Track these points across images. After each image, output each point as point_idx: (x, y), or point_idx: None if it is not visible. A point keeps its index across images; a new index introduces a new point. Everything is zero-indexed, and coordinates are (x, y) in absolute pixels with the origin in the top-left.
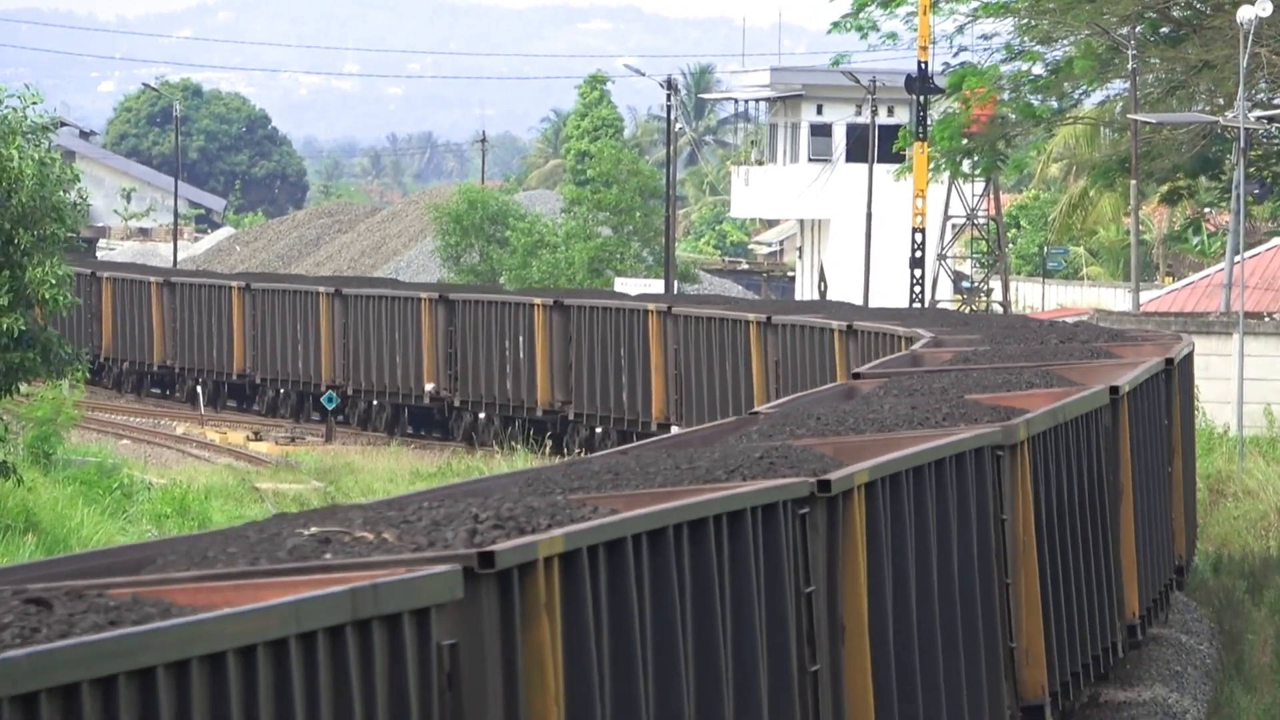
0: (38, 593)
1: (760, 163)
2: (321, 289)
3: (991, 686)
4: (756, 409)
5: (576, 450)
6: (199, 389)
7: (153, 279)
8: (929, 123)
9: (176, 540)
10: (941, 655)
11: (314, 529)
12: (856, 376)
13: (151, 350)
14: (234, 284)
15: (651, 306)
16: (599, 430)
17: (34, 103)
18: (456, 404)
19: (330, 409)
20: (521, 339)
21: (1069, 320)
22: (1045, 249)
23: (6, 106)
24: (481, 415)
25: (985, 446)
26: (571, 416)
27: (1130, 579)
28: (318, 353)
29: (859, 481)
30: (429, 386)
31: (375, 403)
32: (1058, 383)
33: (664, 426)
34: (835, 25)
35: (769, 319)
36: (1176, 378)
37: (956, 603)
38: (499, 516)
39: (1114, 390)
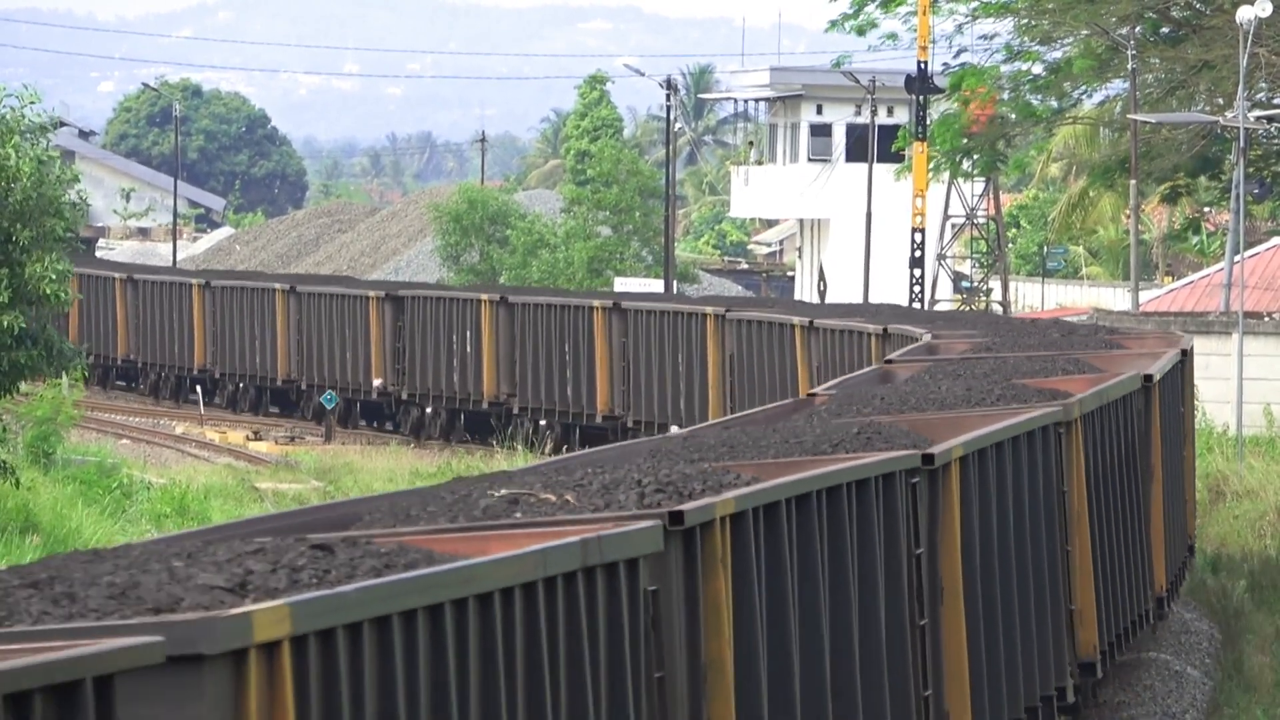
0: (321, 540)
1: (759, 162)
2: (277, 286)
3: (1056, 644)
4: (813, 390)
5: (550, 446)
6: (198, 389)
7: (117, 275)
8: (929, 123)
9: (378, 498)
10: (1018, 615)
11: (503, 490)
12: (889, 363)
13: (116, 344)
14: (194, 281)
15: (597, 303)
16: (543, 423)
17: (32, 102)
18: (404, 397)
19: (329, 409)
20: (469, 334)
21: (1041, 320)
22: (1045, 248)
23: (5, 106)
24: (429, 409)
25: (1050, 424)
26: (516, 410)
27: (1158, 555)
28: (274, 348)
29: (956, 455)
30: (377, 382)
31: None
32: (1088, 369)
33: (609, 419)
34: (833, 24)
35: (726, 312)
36: (1190, 368)
37: (1029, 567)
38: (659, 481)
39: (1147, 378)
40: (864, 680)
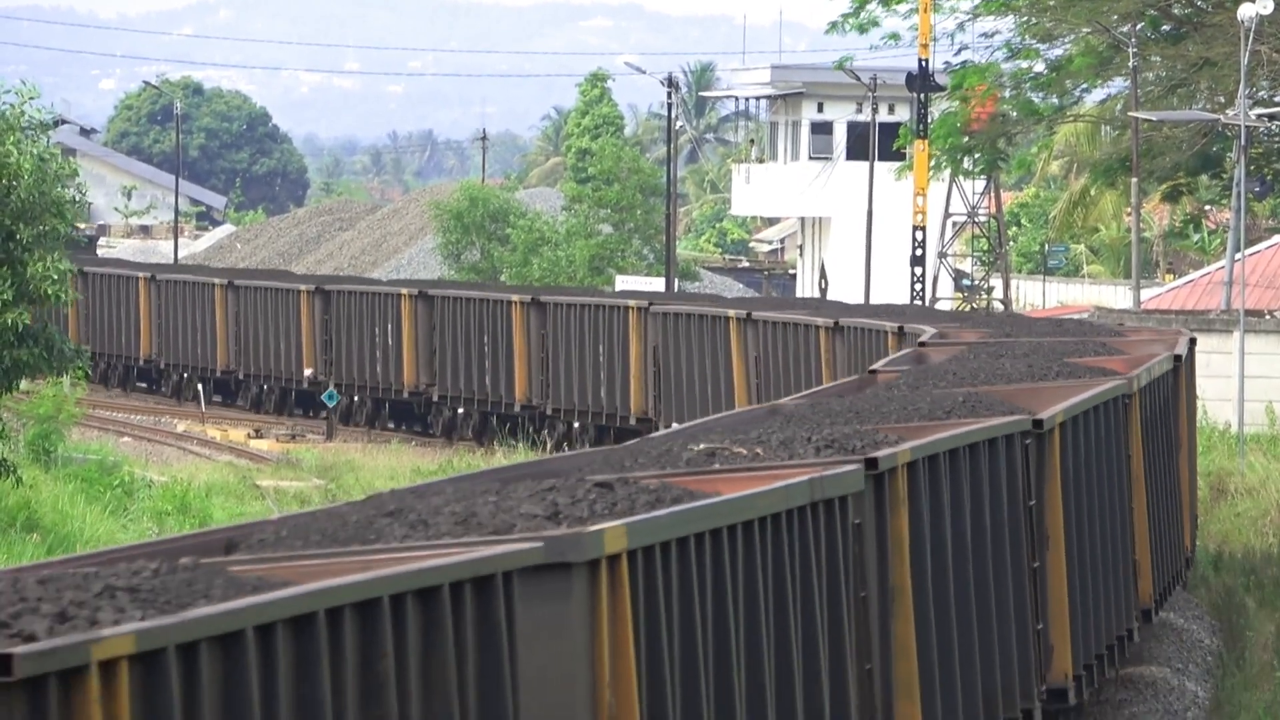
0: (601, 479)
1: (760, 160)
2: (217, 280)
3: (1125, 588)
4: (873, 368)
5: (487, 435)
6: (200, 386)
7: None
8: (930, 121)
9: (591, 453)
10: (1100, 561)
11: (701, 445)
12: (922, 345)
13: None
14: (140, 275)
15: (515, 298)
16: (461, 411)
17: (31, 98)
18: (331, 388)
19: (331, 406)
20: (390, 327)
21: (1042, 317)
22: (1046, 247)
23: (4, 103)
24: (355, 398)
25: (1119, 396)
26: (435, 399)
27: (1186, 518)
28: (214, 340)
29: (1058, 420)
30: (307, 371)
31: (265, 387)
32: (1117, 353)
33: (527, 407)
34: (833, 26)
35: (649, 305)
36: (1195, 355)
37: (1108, 522)
38: (827, 439)
39: (1178, 357)
40: (998, 611)
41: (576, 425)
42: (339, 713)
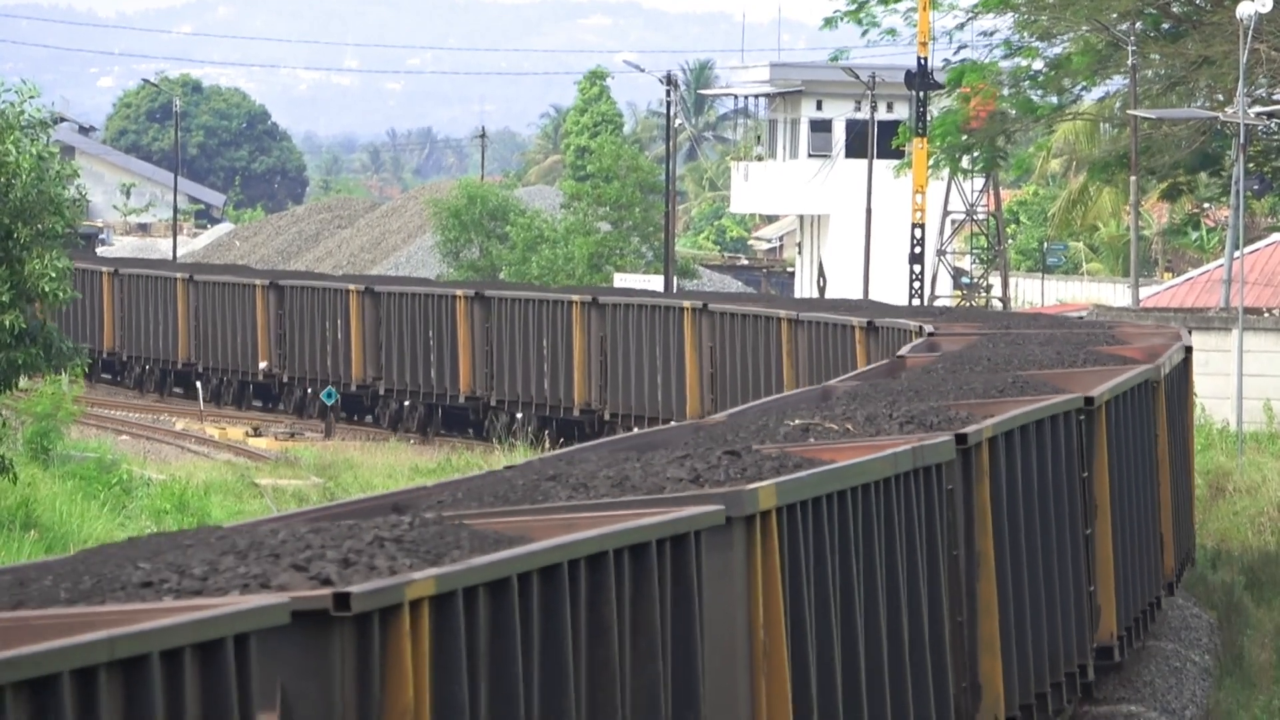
0: (729, 448)
1: (759, 159)
2: (178, 275)
3: (1154, 559)
4: (900, 353)
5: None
6: (198, 384)
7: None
8: (929, 119)
9: (687, 427)
10: (1136, 531)
11: (798, 421)
12: (933, 335)
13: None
14: (104, 269)
15: (459, 292)
16: (407, 404)
17: (31, 96)
18: (285, 380)
19: (330, 405)
20: (339, 321)
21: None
22: (1045, 244)
23: (3, 101)
24: (310, 390)
25: (1147, 380)
26: (382, 391)
27: (1194, 494)
28: (175, 334)
29: (1105, 399)
30: (263, 365)
31: (225, 379)
32: (1126, 341)
33: (471, 398)
34: (827, 22)
35: (594, 300)
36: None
37: (1143, 496)
38: (908, 415)
39: (1188, 348)
40: (1060, 576)
41: (520, 416)
42: (576, 652)
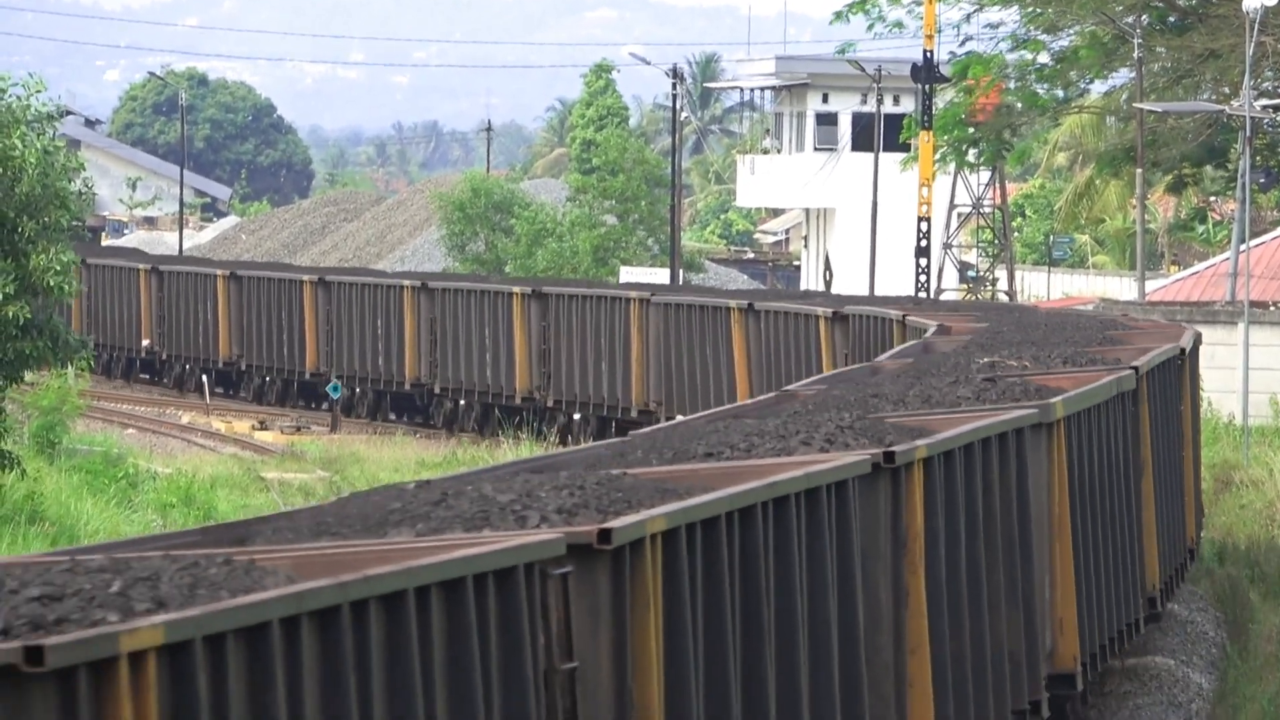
0: (897, 420)
1: (765, 152)
2: (140, 265)
3: (1183, 524)
4: (927, 336)
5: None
6: (203, 378)
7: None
8: (935, 112)
9: (851, 372)
10: (1172, 497)
11: (984, 360)
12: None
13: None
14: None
15: (406, 283)
16: (357, 390)
17: (38, 91)
18: (243, 368)
19: (335, 398)
20: (294, 310)
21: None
22: (1051, 238)
23: (11, 95)
24: (268, 379)
25: (1172, 357)
26: (437, 390)
27: (1200, 479)
28: (138, 321)
29: (1145, 370)
30: (145, 342)
31: (187, 366)
32: (1136, 328)
33: (416, 385)
34: (837, 15)
35: (534, 291)
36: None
37: (1174, 466)
38: (1001, 387)
39: (1199, 335)
40: (1127, 536)
41: (578, 417)
42: (765, 578)
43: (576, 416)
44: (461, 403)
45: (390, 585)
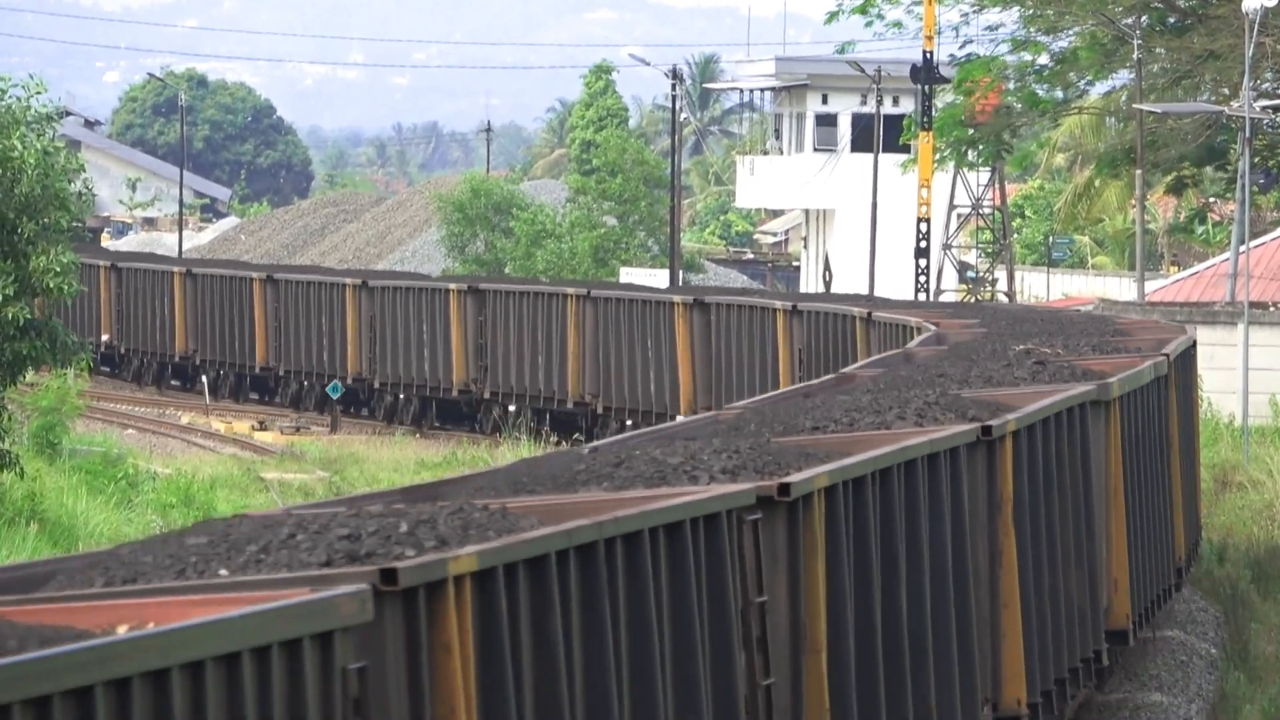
0: (950, 399)
1: (765, 153)
2: (101, 263)
3: (1196, 505)
4: (940, 330)
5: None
6: (203, 378)
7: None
8: (934, 113)
9: (889, 358)
10: (1190, 476)
11: (1021, 347)
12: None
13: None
14: (349, 281)
15: (349, 281)
16: (305, 384)
17: (38, 92)
18: (198, 363)
19: (335, 398)
20: (244, 308)
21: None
22: (1050, 238)
23: (10, 97)
24: (221, 373)
25: (1190, 345)
26: (282, 373)
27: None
28: (98, 317)
29: (1174, 355)
30: (105, 336)
31: (144, 361)
32: (1148, 322)
33: (359, 380)
34: (831, 15)
35: (471, 287)
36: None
37: (1190, 447)
38: (1052, 369)
39: (1198, 335)
40: (1163, 507)
41: (513, 409)
42: (900, 547)
43: (512, 408)
44: (401, 396)
45: (632, 525)
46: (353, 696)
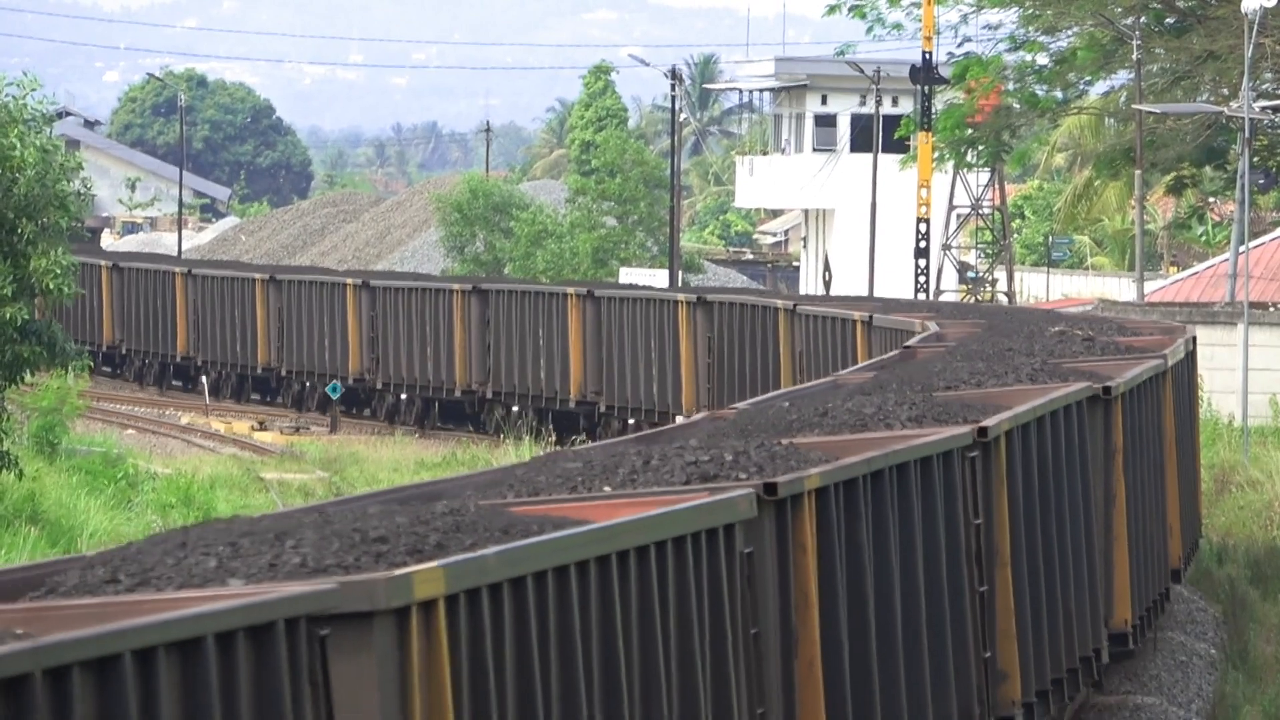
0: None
1: (764, 152)
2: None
3: (1196, 499)
4: (940, 332)
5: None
6: (203, 378)
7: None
8: (933, 113)
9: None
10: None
11: (1057, 328)
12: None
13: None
14: (349, 281)
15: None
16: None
17: (33, 89)
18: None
19: (335, 398)
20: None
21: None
22: (1050, 239)
23: (6, 94)
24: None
25: (1190, 350)
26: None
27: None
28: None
29: (1180, 356)
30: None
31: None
32: (1146, 324)
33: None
34: (831, 9)
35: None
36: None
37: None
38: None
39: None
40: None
41: (516, 409)
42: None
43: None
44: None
45: (900, 459)
46: (745, 574)
